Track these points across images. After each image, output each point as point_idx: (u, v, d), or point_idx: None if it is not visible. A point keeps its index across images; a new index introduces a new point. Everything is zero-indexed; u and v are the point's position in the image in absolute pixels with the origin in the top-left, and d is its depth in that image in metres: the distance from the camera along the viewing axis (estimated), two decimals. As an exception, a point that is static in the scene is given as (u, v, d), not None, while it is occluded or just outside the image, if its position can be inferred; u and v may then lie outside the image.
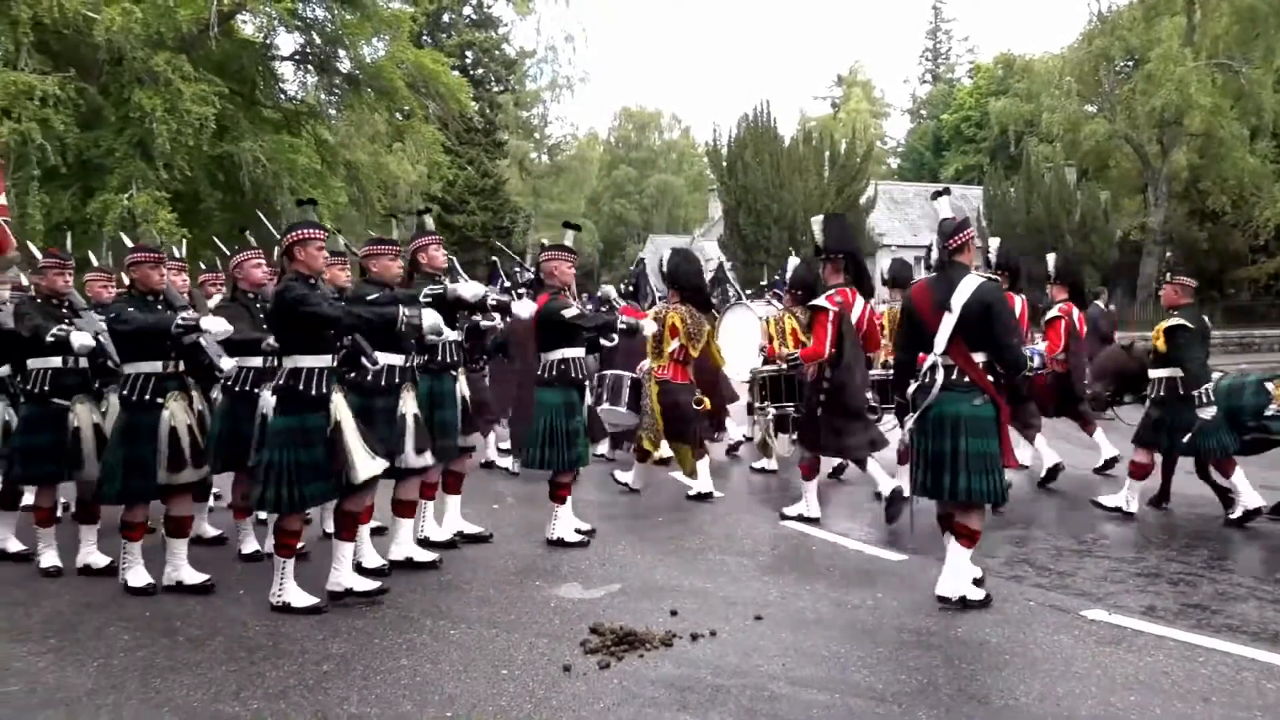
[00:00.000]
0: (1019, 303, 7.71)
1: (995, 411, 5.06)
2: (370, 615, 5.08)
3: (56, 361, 5.86)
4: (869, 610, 5.15)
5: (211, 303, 6.68)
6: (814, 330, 6.88)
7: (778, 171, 28.46)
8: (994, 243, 8.32)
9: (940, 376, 5.05)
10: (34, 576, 5.88)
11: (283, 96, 23.42)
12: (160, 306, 5.51)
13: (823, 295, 6.90)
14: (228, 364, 5.42)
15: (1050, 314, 8.51)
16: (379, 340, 5.30)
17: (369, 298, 5.47)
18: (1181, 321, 6.80)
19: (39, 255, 6.31)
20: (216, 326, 5.30)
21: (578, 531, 6.56)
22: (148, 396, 5.39)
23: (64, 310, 5.98)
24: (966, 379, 5.03)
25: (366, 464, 5.11)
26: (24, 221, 16.65)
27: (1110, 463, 8.53)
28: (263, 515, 6.14)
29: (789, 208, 27.78)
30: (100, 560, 5.90)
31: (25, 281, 6.94)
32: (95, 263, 6.86)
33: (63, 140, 17.07)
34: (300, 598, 5.12)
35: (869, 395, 7.33)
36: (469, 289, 5.89)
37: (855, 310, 6.94)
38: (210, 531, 6.65)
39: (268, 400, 5.30)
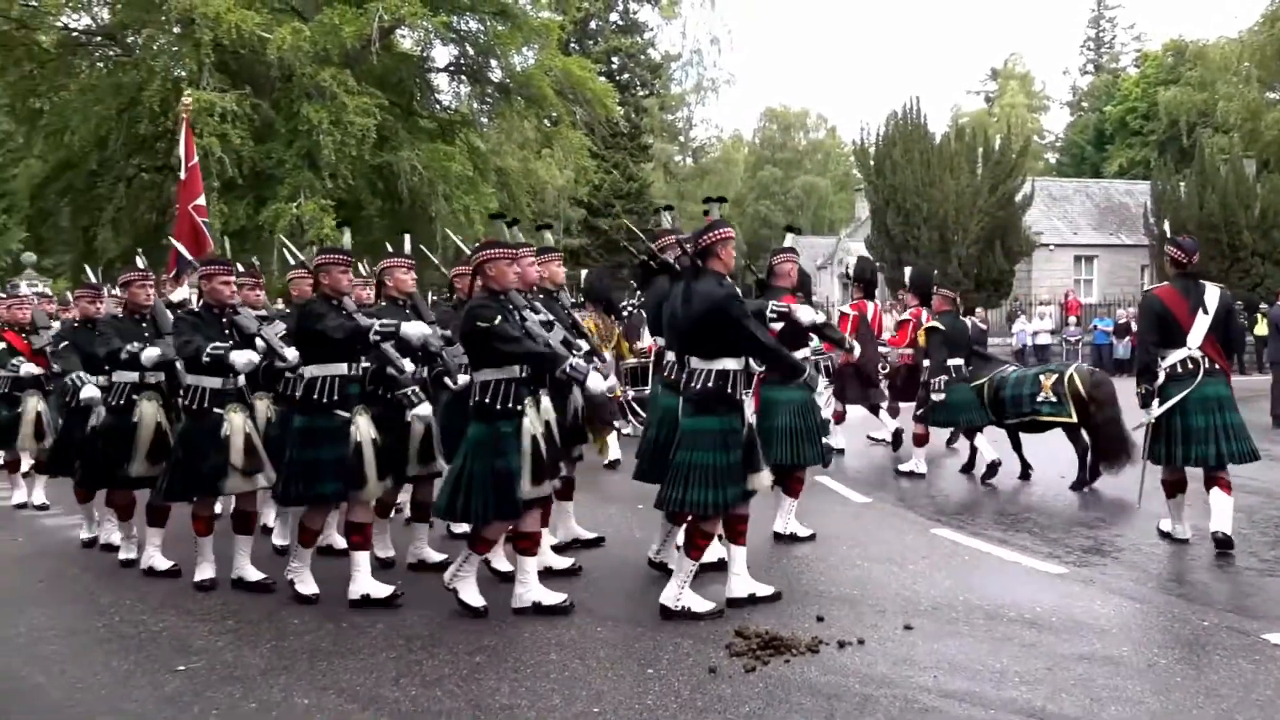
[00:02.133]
0: (871, 309, 10.07)
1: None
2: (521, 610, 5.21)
3: (215, 381, 5.63)
4: (1026, 624, 4.95)
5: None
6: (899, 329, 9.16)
7: (928, 169, 27.67)
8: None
9: (1202, 365, 6.15)
10: (218, 557, 6.29)
11: (438, 106, 24.32)
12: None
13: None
14: (410, 367, 5.68)
15: (901, 316, 10.58)
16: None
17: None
18: (936, 325, 8.83)
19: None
20: (416, 331, 5.33)
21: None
22: (335, 397, 5.36)
23: (224, 320, 5.78)
24: (1218, 366, 6.19)
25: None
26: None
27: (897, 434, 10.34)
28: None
29: (939, 206, 26.97)
30: (254, 574, 5.78)
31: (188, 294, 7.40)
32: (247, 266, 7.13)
33: (239, 153, 18.20)
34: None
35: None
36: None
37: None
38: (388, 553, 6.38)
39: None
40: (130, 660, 4.63)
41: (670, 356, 5.65)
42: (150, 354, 5.90)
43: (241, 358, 5.40)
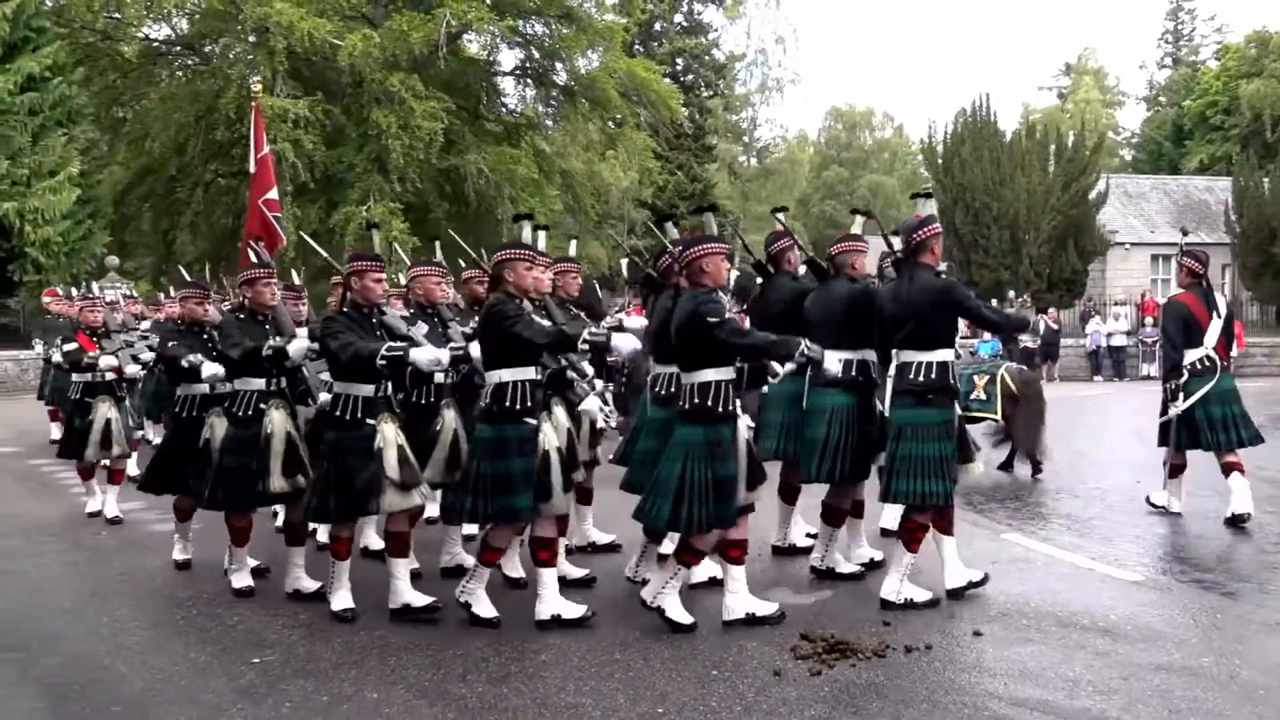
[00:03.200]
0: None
1: None
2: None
3: (368, 389, 5.13)
4: (1100, 632, 4.83)
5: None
6: None
7: (998, 168, 27.17)
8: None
9: (1218, 363, 6.99)
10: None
11: (504, 110, 24.58)
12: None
13: None
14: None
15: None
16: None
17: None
18: None
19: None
20: (424, 358, 5.15)
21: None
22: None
23: (374, 321, 5.44)
24: (1225, 363, 7.04)
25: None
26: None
27: None
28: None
29: (1010, 205, 26.47)
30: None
31: (298, 281, 7.26)
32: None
33: (311, 158, 18.62)
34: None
35: None
36: (424, 355, 4.90)
37: None
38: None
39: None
40: (208, 652, 4.76)
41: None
42: (298, 347, 5.32)
43: (425, 355, 4.86)
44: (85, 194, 22.31)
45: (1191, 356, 7.04)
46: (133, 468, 8.57)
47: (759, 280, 6.21)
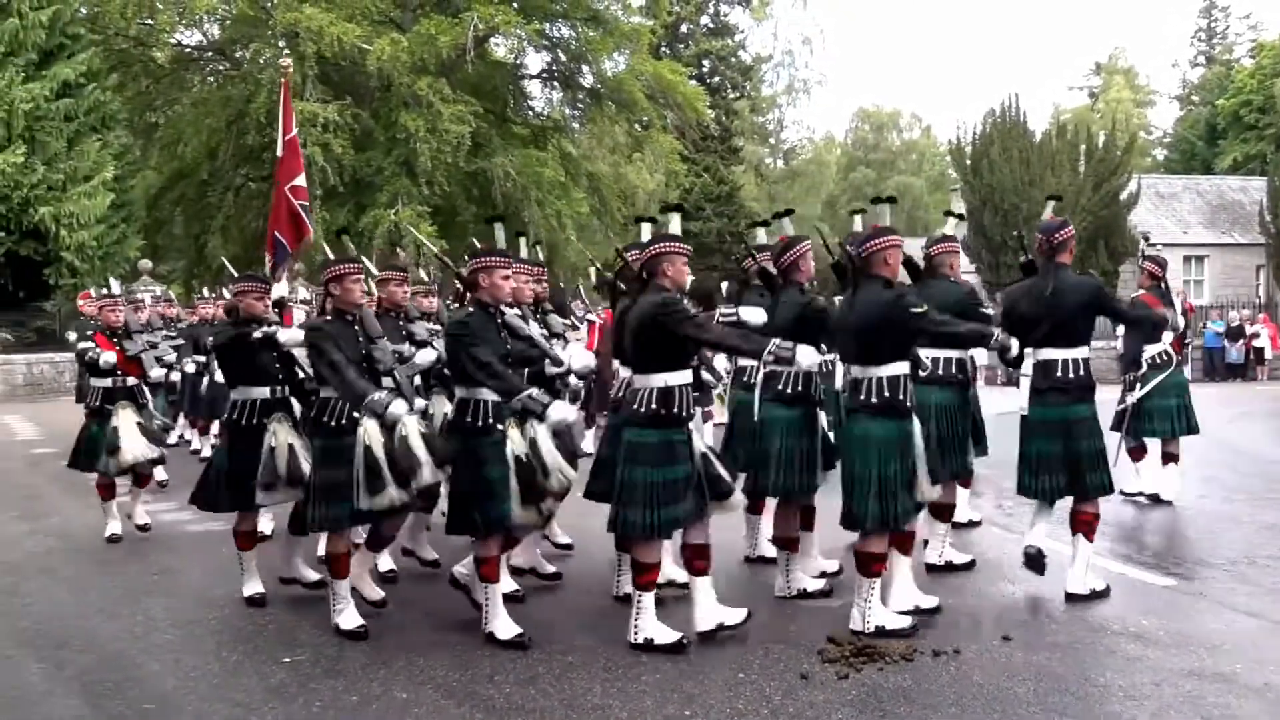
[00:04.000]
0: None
1: None
2: (613, 611, 5.25)
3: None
4: (1131, 637, 4.79)
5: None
6: None
7: (1027, 168, 26.95)
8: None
9: (1174, 357, 7.78)
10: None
11: (531, 113, 24.68)
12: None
13: None
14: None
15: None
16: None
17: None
18: None
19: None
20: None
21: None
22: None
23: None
24: (1178, 357, 7.75)
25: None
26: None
27: None
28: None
29: (1039, 206, 26.10)
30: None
31: (306, 294, 7.31)
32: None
33: (340, 161, 18.78)
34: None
35: None
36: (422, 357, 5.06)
37: None
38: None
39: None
40: (239, 652, 4.82)
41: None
42: (426, 357, 5.14)
43: (581, 359, 4.84)
44: (119, 198, 22.61)
45: (1151, 351, 7.68)
46: (161, 473, 8.36)
47: (764, 294, 5.68)
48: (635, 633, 4.65)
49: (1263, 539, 6.63)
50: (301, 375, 5.41)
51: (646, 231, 5.74)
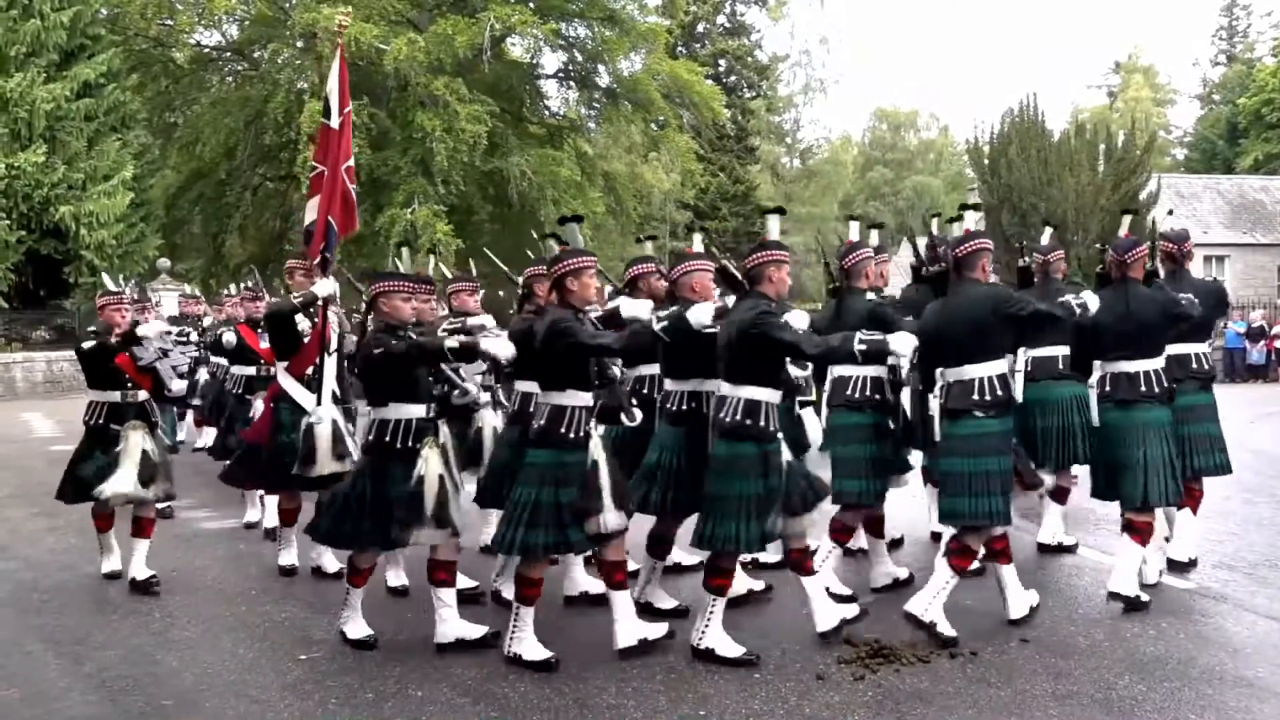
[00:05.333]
0: None
1: None
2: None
3: (587, 398, 4.56)
4: (1150, 640, 4.75)
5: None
6: None
7: (1045, 168, 26.80)
8: None
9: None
10: (338, 552, 6.52)
11: (547, 113, 24.73)
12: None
13: None
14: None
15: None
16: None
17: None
18: None
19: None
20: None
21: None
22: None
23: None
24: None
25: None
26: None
27: None
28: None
29: (1058, 205, 26.08)
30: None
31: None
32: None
33: (357, 160, 18.75)
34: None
35: None
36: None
37: None
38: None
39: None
40: (256, 648, 4.84)
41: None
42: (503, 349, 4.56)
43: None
44: (138, 197, 22.77)
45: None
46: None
47: (831, 299, 5.60)
48: (700, 639, 4.55)
49: (1284, 542, 6.56)
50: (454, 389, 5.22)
51: (649, 248, 5.77)
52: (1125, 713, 3.94)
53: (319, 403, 5.52)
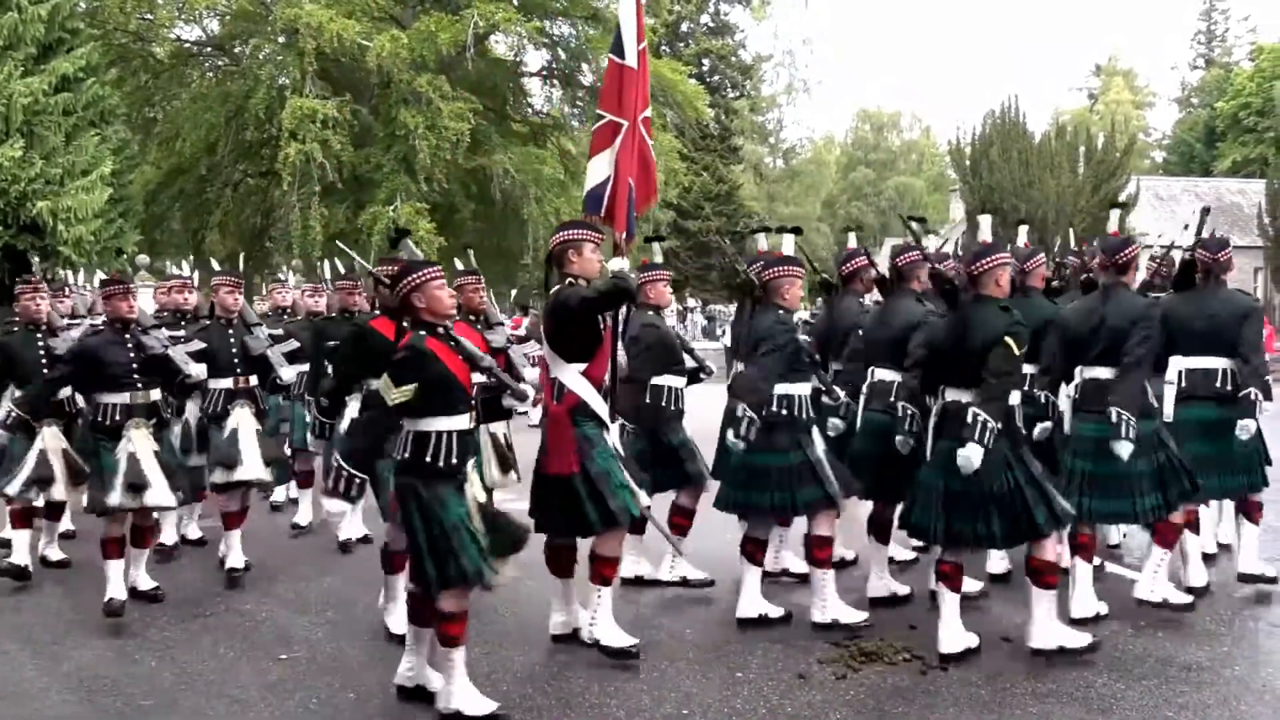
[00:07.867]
0: None
1: None
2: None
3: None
4: (1128, 638, 4.78)
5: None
6: None
7: (1026, 169, 27.00)
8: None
9: None
10: (319, 552, 6.50)
11: (530, 111, 24.63)
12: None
13: None
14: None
15: None
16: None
17: None
18: None
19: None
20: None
21: None
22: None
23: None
24: None
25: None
26: (306, 233, 18.47)
27: None
28: None
29: (1039, 207, 26.27)
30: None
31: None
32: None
33: (339, 158, 18.73)
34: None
35: None
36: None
37: None
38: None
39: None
40: (236, 649, 4.81)
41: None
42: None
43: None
44: (117, 193, 22.48)
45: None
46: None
47: (823, 298, 6.09)
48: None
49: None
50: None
51: (657, 252, 5.88)
52: (1104, 710, 3.97)
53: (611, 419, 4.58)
